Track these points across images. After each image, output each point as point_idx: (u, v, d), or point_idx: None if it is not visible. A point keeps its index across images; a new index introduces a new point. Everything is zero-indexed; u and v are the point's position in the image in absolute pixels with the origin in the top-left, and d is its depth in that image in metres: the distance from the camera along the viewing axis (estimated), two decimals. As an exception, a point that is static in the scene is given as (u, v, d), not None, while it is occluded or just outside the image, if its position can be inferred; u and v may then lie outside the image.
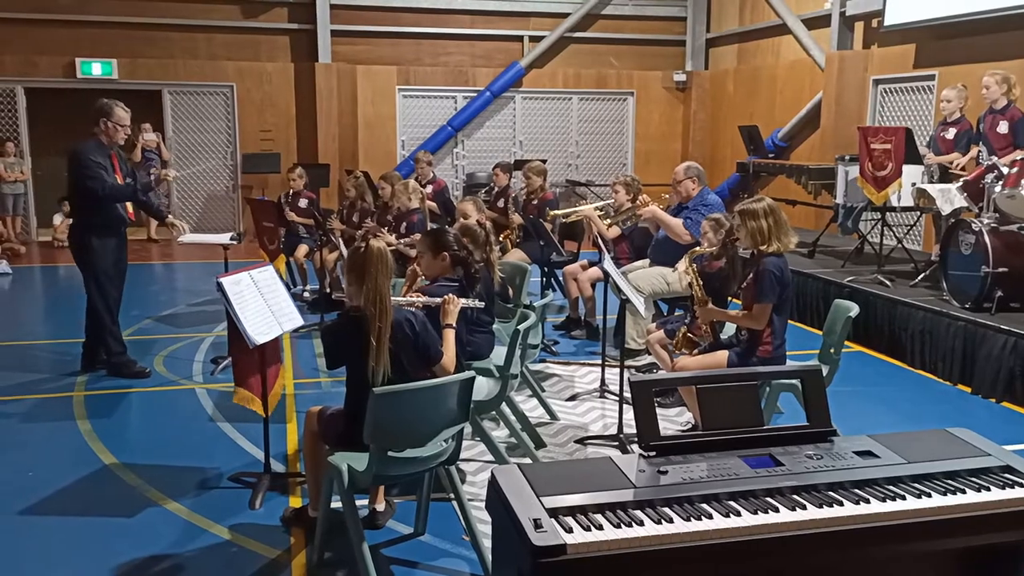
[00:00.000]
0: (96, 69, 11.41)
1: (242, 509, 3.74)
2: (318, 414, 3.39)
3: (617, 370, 4.78)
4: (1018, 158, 5.93)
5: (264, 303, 3.80)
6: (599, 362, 5.50)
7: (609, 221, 6.44)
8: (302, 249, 7.94)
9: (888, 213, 7.21)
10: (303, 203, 8.17)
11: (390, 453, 3.02)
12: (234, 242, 6.03)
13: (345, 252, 6.24)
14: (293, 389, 5.35)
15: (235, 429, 4.69)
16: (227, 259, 5.84)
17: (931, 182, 6.76)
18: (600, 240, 5.78)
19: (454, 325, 3.53)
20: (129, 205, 5.57)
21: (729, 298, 4.73)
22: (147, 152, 11.48)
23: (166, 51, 11.73)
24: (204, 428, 4.76)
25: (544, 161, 9.06)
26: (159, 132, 11.69)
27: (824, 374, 2.69)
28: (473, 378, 3.13)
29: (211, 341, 6.56)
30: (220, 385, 5.42)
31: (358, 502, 3.14)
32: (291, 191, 8.29)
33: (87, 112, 5.49)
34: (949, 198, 6.42)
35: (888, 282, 6.67)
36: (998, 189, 5.85)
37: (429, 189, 8.30)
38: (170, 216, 5.91)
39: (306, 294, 8.05)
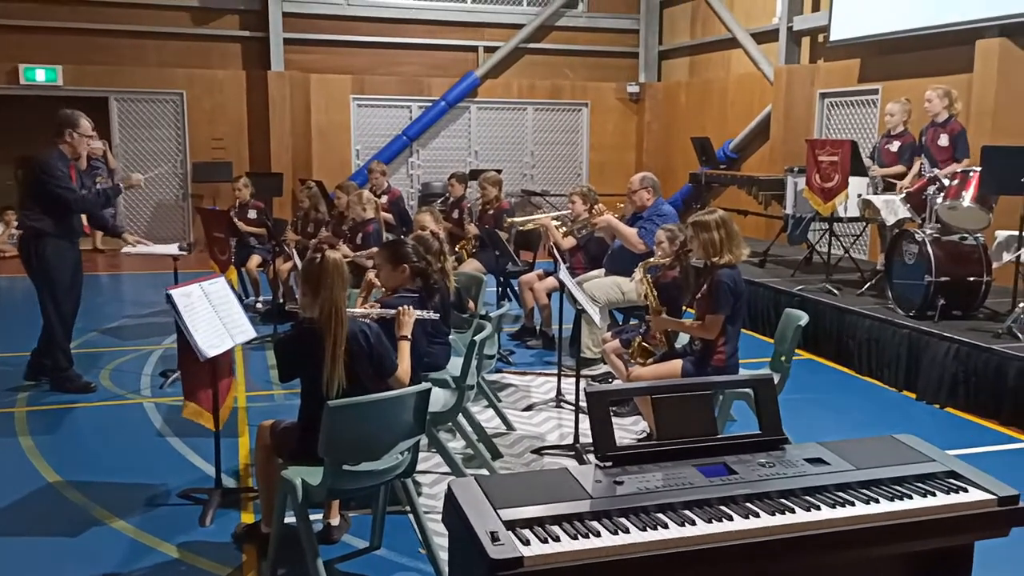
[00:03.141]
0: (40, 75, 11.10)
1: (192, 526, 3.65)
2: (271, 428, 3.34)
3: (573, 380, 4.80)
4: (958, 170, 6.13)
5: (215, 315, 3.73)
6: (555, 372, 5.51)
7: (564, 230, 6.48)
8: (255, 260, 7.83)
9: (835, 223, 7.40)
10: (252, 213, 8.06)
11: (345, 467, 2.99)
12: (183, 252, 5.90)
13: (299, 263, 6.17)
14: (245, 402, 5.25)
15: (185, 444, 4.58)
16: (177, 270, 5.72)
17: (876, 193, 6.95)
18: (556, 250, 5.80)
19: (409, 336, 3.52)
20: (84, 216, 5.43)
21: (684, 307, 4.78)
22: (93, 160, 11.15)
23: (113, 57, 11.47)
24: (152, 443, 4.64)
25: (499, 171, 9.08)
26: (105, 140, 11.40)
27: (775, 383, 2.73)
28: (429, 390, 3.11)
29: (159, 354, 6.41)
30: (169, 399, 5.30)
31: (312, 517, 3.09)
32: (238, 202, 8.18)
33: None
34: (893, 209, 6.61)
35: (836, 291, 6.82)
36: (940, 200, 6.04)
37: (384, 199, 8.26)
38: (126, 232, 5.77)
39: (259, 305, 7.93)
